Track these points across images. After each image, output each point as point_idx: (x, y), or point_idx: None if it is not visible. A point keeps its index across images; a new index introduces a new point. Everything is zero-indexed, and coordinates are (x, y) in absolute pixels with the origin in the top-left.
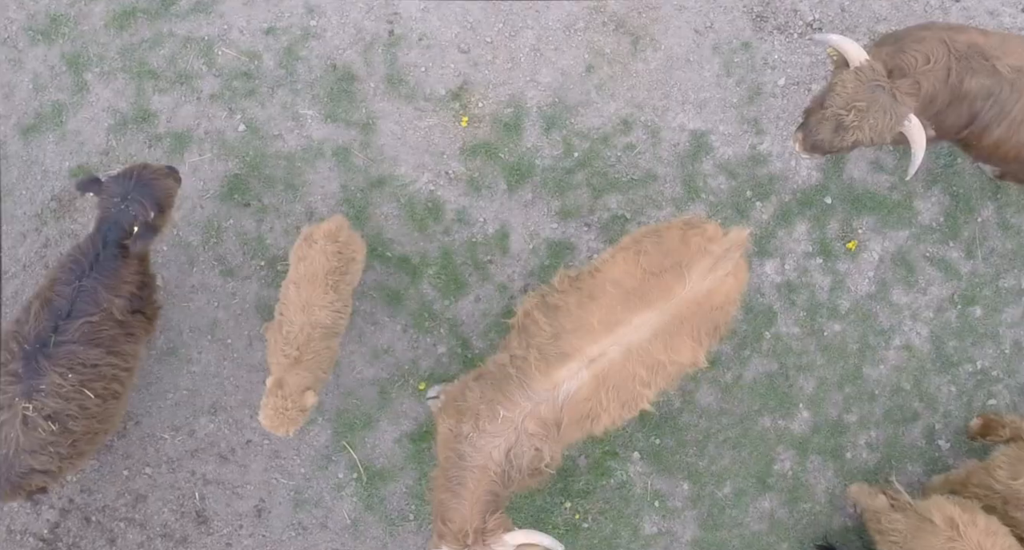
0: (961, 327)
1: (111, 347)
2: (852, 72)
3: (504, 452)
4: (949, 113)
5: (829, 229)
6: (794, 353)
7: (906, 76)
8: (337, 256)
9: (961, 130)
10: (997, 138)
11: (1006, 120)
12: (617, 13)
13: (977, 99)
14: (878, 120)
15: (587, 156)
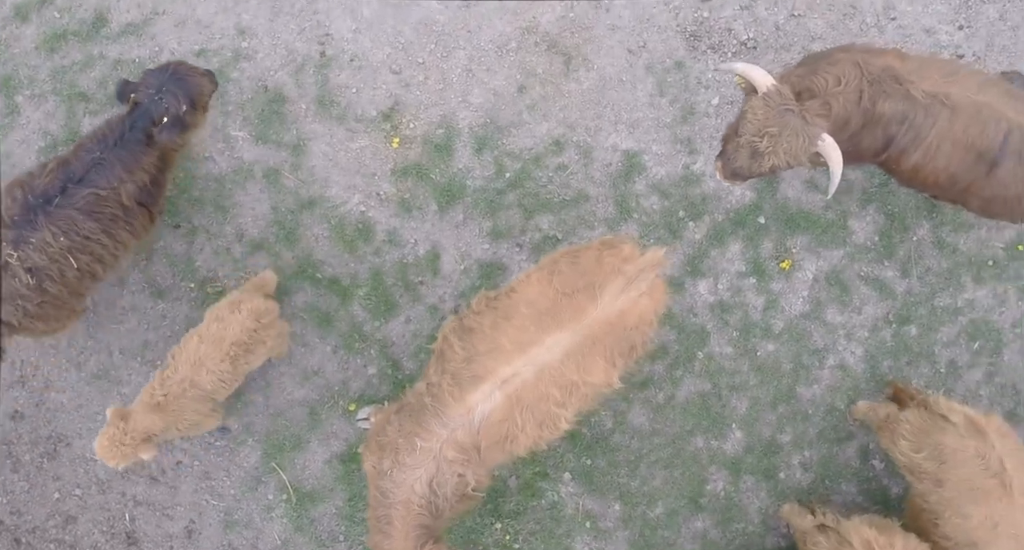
0: (896, 347)
1: (108, 227)
2: (760, 98)
3: (427, 483)
4: (864, 136)
5: (763, 249)
6: (727, 373)
7: (816, 97)
8: (251, 334)
9: (879, 154)
10: (915, 163)
11: (922, 145)
12: (549, 33)
13: (892, 123)
14: (791, 143)
15: (519, 177)
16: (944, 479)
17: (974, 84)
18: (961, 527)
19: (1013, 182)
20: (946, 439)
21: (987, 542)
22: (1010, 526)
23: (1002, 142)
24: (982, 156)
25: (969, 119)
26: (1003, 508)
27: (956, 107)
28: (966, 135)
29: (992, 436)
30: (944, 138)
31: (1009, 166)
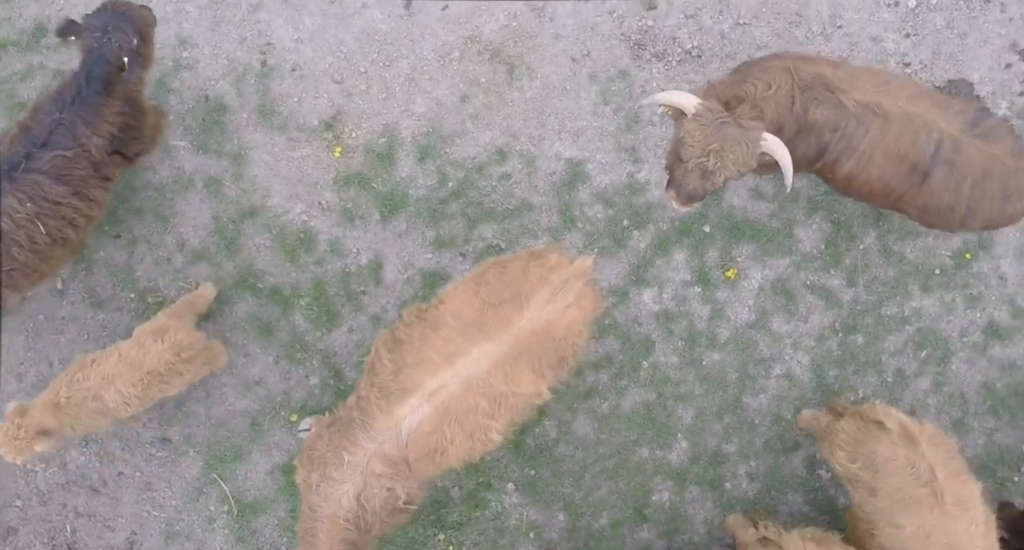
0: (843, 356)
1: (80, 188)
2: (692, 120)
3: (354, 497)
4: (799, 143)
5: (708, 258)
6: (672, 383)
7: (745, 102)
8: (168, 366)
9: (813, 162)
10: (849, 172)
11: (855, 154)
12: (493, 42)
13: (825, 130)
14: (737, 153)
15: (462, 186)
16: (878, 488)
17: (906, 94)
18: (895, 537)
19: (944, 192)
20: (879, 448)
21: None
22: (943, 536)
23: (933, 152)
24: (915, 166)
25: (901, 129)
26: (935, 518)
27: (888, 117)
28: (898, 145)
29: (924, 445)
30: (876, 147)
31: (940, 176)
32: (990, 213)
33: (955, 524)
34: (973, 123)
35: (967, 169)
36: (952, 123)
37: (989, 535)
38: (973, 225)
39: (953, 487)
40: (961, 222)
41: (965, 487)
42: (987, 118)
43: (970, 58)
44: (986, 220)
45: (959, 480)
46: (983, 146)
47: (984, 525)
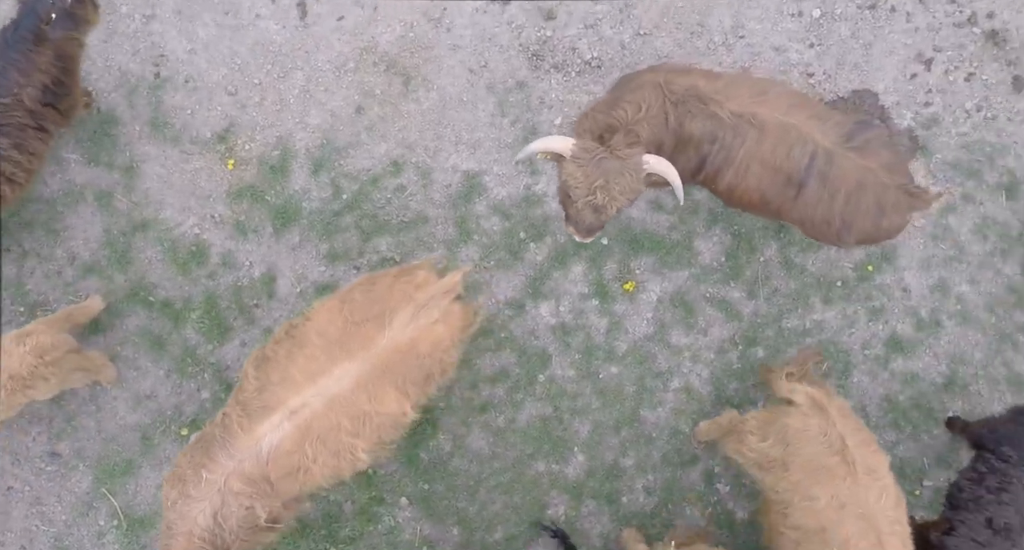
0: (743, 368)
1: (18, 139)
2: (571, 162)
3: (211, 515)
4: (679, 157)
5: (606, 270)
6: (569, 396)
7: (619, 131)
8: (31, 370)
9: (696, 173)
10: (729, 183)
11: (733, 165)
12: (388, 53)
13: (703, 143)
14: (623, 183)
15: (356, 198)
16: (790, 462)
17: (784, 104)
18: (810, 511)
19: (818, 204)
20: (790, 421)
21: (836, 523)
22: (856, 505)
23: (807, 164)
24: (789, 178)
25: (776, 140)
26: (848, 487)
27: (763, 127)
28: (773, 156)
29: (833, 413)
30: (752, 158)
31: (814, 188)
32: (865, 227)
33: (867, 493)
34: (849, 136)
35: (840, 182)
36: (828, 135)
37: (900, 506)
38: (849, 239)
39: (863, 456)
40: (838, 236)
41: (875, 457)
42: (864, 131)
43: (875, 68)
44: (862, 234)
45: (869, 450)
46: (858, 159)
47: (895, 497)
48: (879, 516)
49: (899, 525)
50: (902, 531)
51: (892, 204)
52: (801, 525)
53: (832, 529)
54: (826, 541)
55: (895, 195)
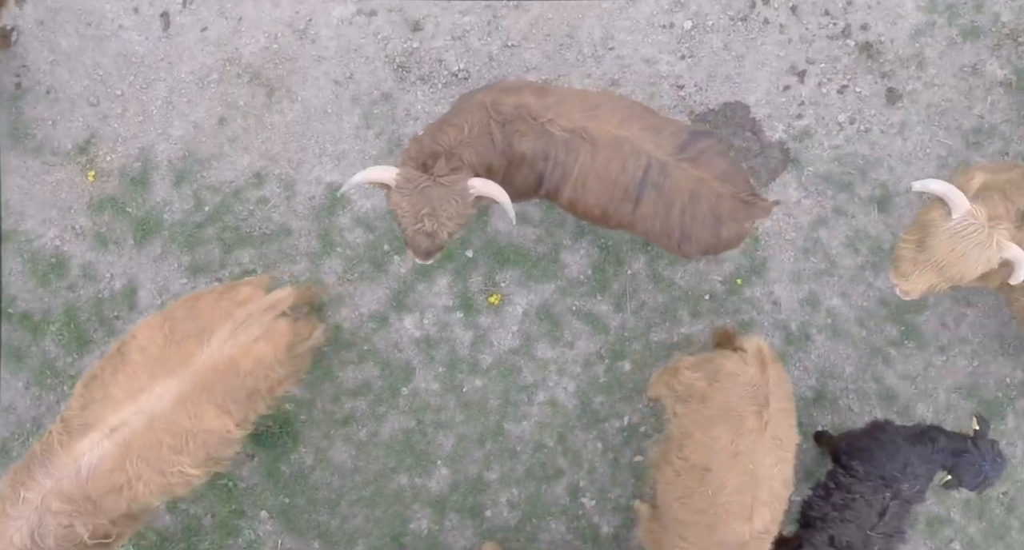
0: (609, 382)
1: None
2: (395, 192)
3: (27, 535)
4: (515, 175)
5: (472, 283)
6: (432, 409)
7: (442, 156)
8: None
9: (536, 190)
10: (569, 198)
11: (570, 181)
12: (252, 65)
13: (536, 160)
14: (450, 210)
15: (218, 210)
16: (710, 397)
17: (617, 118)
18: (705, 447)
19: (655, 217)
20: (728, 363)
21: (722, 468)
22: (749, 461)
23: (642, 177)
24: (626, 191)
25: (610, 154)
26: (751, 441)
27: (596, 142)
28: (608, 170)
29: (771, 373)
30: (588, 173)
31: (649, 200)
32: (705, 237)
33: (764, 455)
34: (683, 146)
35: (675, 194)
36: (662, 147)
37: (786, 487)
38: (690, 250)
39: (779, 422)
40: (679, 247)
41: (789, 430)
42: (698, 141)
43: (747, 80)
44: (702, 244)
45: (787, 421)
46: (691, 170)
47: (786, 475)
48: (764, 482)
49: (777, 501)
50: (776, 508)
51: (728, 213)
52: (690, 458)
53: (716, 472)
54: (704, 481)
55: (730, 204)
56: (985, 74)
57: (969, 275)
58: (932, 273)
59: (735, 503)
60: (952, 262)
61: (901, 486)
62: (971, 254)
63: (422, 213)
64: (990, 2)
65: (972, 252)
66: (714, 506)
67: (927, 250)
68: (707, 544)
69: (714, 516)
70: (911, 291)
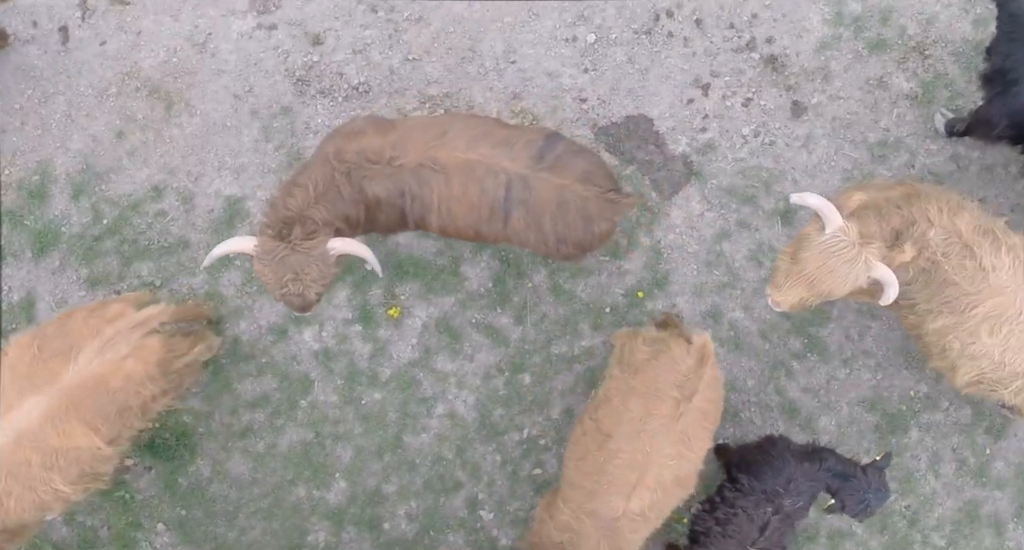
0: (509, 395)
1: None
2: (256, 261)
3: None
4: (378, 216)
5: (371, 295)
6: (331, 422)
7: (296, 222)
8: None
9: (404, 225)
10: (439, 226)
11: (432, 210)
12: (152, 78)
13: (394, 199)
14: (312, 273)
15: (117, 223)
16: (644, 370)
17: (463, 142)
18: (616, 415)
19: (528, 230)
20: (674, 347)
21: (621, 439)
22: (649, 444)
23: (505, 195)
24: (492, 210)
25: (464, 179)
26: (659, 425)
27: (447, 170)
28: (466, 195)
29: (707, 371)
30: (447, 200)
31: (518, 216)
32: (579, 237)
33: (666, 444)
34: (539, 155)
35: (542, 206)
36: (518, 161)
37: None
38: (568, 251)
39: (694, 421)
40: (557, 251)
41: (702, 431)
42: (554, 146)
43: (651, 94)
44: (578, 244)
45: (702, 421)
46: (553, 179)
47: (681, 473)
48: (654, 468)
49: (662, 492)
50: (660, 499)
51: (597, 213)
52: (600, 421)
53: (615, 441)
54: (602, 447)
55: (597, 204)
56: (891, 87)
57: (837, 291)
58: (803, 286)
59: (620, 477)
60: (821, 277)
61: (783, 501)
62: (839, 270)
63: (285, 279)
64: (896, 15)
65: (841, 269)
66: (602, 473)
67: (799, 263)
68: (583, 510)
69: (597, 483)
70: (781, 302)
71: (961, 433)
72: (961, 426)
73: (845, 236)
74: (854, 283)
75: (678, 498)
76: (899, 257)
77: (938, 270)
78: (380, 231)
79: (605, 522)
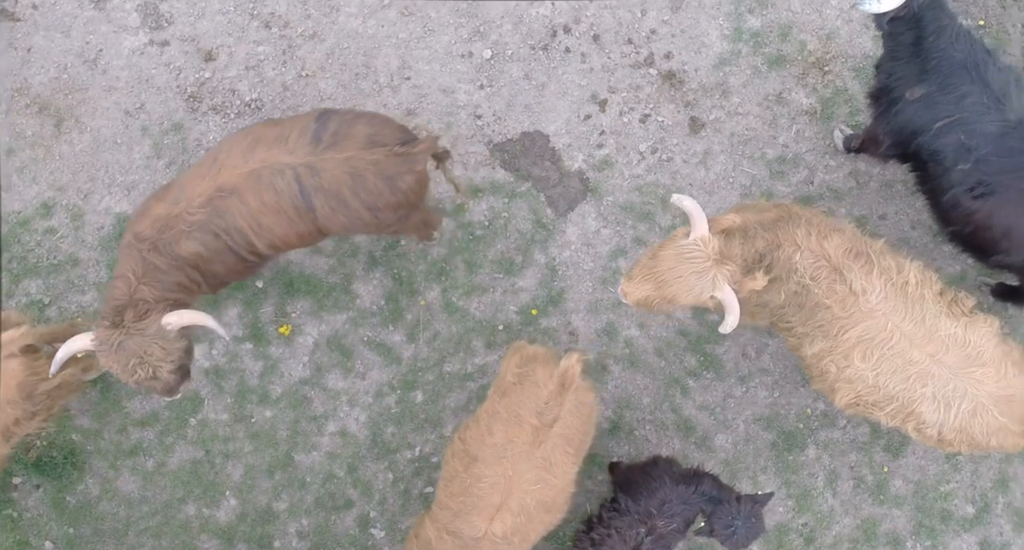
0: (401, 413)
1: None
2: (99, 355)
3: None
4: (214, 267)
5: (262, 313)
6: (221, 439)
7: (126, 308)
8: None
9: (244, 259)
10: (266, 244)
11: (249, 233)
12: (41, 95)
13: (212, 245)
14: (158, 352)
15: (5, 240)
16: (510, 394)
17: (238, 157)
18: (481, 438)
19: (335, 214)
20: (540, 371)
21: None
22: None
23: (299, 189)
24: (297, 209)
25: (255, 189)
26: (520, 451)
27: (236, 190)
28: (266, 203)
29: (569, 398)
30: (253, 217)
31: (322, 204)
32: (390, 199)
33: (528, 470)
34: (316, 139)
35: (337, 184)
36: (296, 152)
37: (545, 510)
38: (388, 217)
39: (556, 447)
40: (380, 220)
41: (563, 457)
42: (326, 125)
43: (547, 109)
44: (392, 206)
45: (564, 449)
46: (336, 155)
47: (547, 498)
48: (517, 493)
49: (525, 517)
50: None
51: (395, 170)
52: (467, 442)
53: (480, 464)
54: (468, 468)
55: (392, 162)
56: (790, 103)
57: (681, 298)
58: (651, 284)
59: (484, 499)
60: (669, 280)
61: (656, 523)
62: (687, 279)
63: (132, 365)
64: (796, 30)
65: (689, 277)
66: (467, 494)
67: (655, 260)
68: (447, 529)
69: (462, 504)
70: (628, 294)
71: (859, 451)
72: (859, 444)
73: (703, 247)
74: (698, 296)
75: (545, 523)
76: (749, 283)
77: (809, 294)
78: (236, 278)
79: (466, 542)
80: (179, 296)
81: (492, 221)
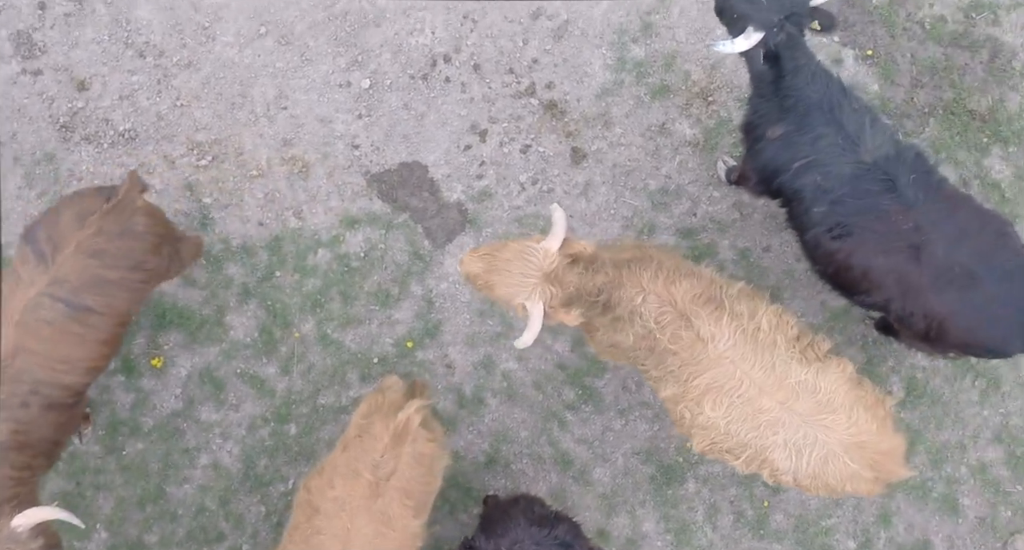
0: (275, 445)
1: None
2: None
3: None
4: (35, 437)
5: (135, 345)
6: (92, 471)
7: None
8: None
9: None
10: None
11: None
12: None
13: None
14: None
15: None
16: (350, 447)
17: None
18: (322, 490)
19: (119, 297)
20: (377, 425)
21: (325, 515)
22: (349, 521)
23: (64, 304)
24: (79, 320)
25: (33, 334)
26: (357, 505)
27: (18, 348)
28: (50, 338)
29: (403, 449)
30: (49, 357)
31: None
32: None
33: (366, 524)
34: (39, 256)
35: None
36: (35, 280)
37: None
38: (162, 260)
39: (393, 500)
40: (165, 265)
41: (402, 510)
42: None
43: (426, 140)
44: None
45: (403, 501)
46: (66, 253)
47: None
48: (356, 546)
49: None
50: None
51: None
52: (311, 492)
53: (321, 516)
54: (309, 519)
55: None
56: (674, 133)
57: (497, 291)
58: (484, 265)
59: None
60: (495, 269)
61: None
62: (512, 276)
63: None
64: (681, 60)
65: (513, 275)
66: (308, 545)
67: (502, 248)
68: None
69: None
70: (463, 263)
71: (739, 485)
72: (739, 478)
73: (541, 258)
74: (512, 297)
75: None
76: (561, 314)
77: (656, 340)
78: (68, 434)
79: None
80: (17, 490)
81: (368, 252)
